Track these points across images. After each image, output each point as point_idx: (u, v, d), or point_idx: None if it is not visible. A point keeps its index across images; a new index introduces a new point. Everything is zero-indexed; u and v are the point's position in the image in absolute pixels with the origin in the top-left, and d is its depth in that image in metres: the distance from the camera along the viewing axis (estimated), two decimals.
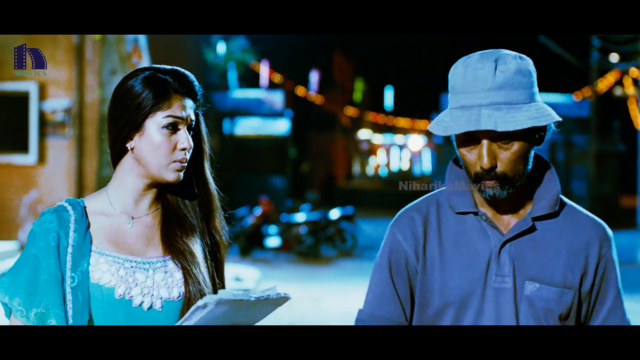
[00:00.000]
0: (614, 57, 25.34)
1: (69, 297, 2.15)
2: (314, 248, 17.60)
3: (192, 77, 2.30)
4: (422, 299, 2.32)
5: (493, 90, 2.12)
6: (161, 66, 2.30)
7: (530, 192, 2.28)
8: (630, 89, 26.06)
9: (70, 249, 2.18)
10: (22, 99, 14.39)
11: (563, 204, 2.31)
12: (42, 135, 14.42)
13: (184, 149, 2.23)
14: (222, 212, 2.40)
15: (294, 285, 13.28)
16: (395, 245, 2.35)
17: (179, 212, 2.33)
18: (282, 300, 2.13)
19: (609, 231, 2.30)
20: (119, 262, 2.21)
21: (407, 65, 62.43)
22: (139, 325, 2.20)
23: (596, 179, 25.50)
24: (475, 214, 2.28)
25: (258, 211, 18.03)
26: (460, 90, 2.17)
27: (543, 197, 2.27)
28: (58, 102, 14.41)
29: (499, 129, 2.10)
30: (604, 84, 28.86)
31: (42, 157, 14.46)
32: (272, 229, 17.76)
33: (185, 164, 2.25)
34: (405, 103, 61.85)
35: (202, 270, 2.30)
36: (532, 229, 2.25)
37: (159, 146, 2.21)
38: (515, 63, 2.14)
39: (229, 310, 2.05)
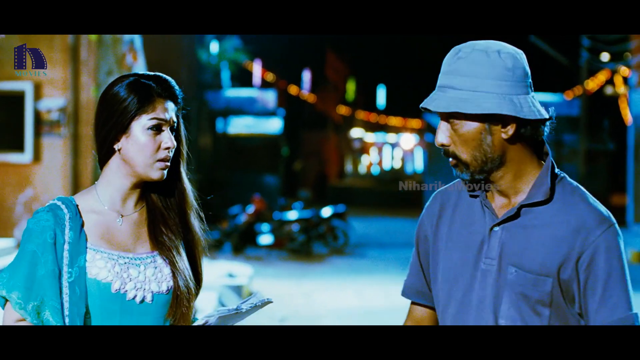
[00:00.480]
0: (606, 56, 25.55)
1: (65, 290, 2.33)
2: (306, 245, 17.75)
3: (173, 82, 2.49)
4: (433, 273, 2.49)
5: (447, 74, 2.31)
6: (144, 72, 2.48)
7: (530, 180, 2.37)
8: (621, 88, 26.26)
9: (66, 246, 2.35)
10: (17, 98, 14.49)
11: (568, 192, 2.35)
12: (38, 134, 14.50)
13: (167, 148, 2.42)
14: (199, 210, 2.59)
15: (286, 282, 13.42)
16: (421, 222, 2.56)
17: (162, 210, 2.52)
18: (266, 304, 2.44)
19: (608, 220, 2.29)
20: (113, 258, 2.40)
21: (399, 65, 62.54)
22: (133, 319, 2.40)
23: (586, 177, 25.71)
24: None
25: (251, 209, 18.16)
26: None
27: (537, 185, 2.34)
28: (53, 102, 14.52)
29: (429, 107, 2.31)
30: (595, 83, 29.06)
31: (37, 156, 14.56)
32: (265, 226, 17.90)
33: (169, 163, 2.45)
34: (397, 102, 61.96)
35: (186, 265, 2.51)
36: (517, 215, 2.33)
37: (145, 146, 2.40)
38: (477, 54, 2.29)
39: (224, 321, 2.37)
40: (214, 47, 28.68)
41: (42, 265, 2.32)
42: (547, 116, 2.33)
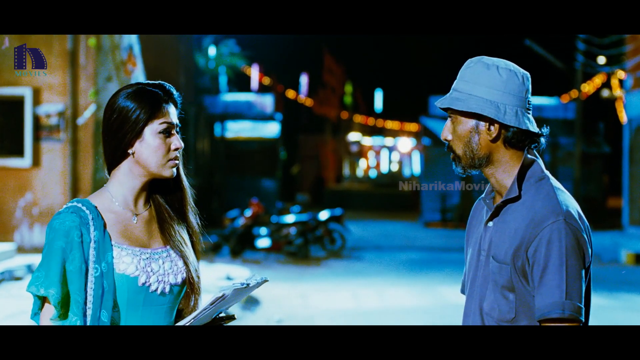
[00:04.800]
0: (602, 59, 25.69)
1: (90, 285, 2.53)
2: (303, 248, 17.85)
3: (173, 88, 2.71)
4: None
5: (457, 79, 2.69)
6: (147, 82, 2.70)
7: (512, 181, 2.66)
8: (617, 90, 26.41)
9: (93, 244, 2.55)
10: (17, 104, 14.63)
11: (535, 191, 2.61)
12: (37, 138, 14.64)
13: (176, 149, 2.65)
14: (194, 206, 2.81)
15: (283, 284, 13.54)
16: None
17: (167, 207, 2.74)
18: (263, 282, 2.66)
19: (557, 215, 2.53)
20: (136, 254, 2.61)
21: (396, 69, 62.77)
22: (153, 308, 2.62)
23: (581, 180, 25.85)
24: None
25: (249, 213, 18.30)
26: None
27: (512, 185, 2.64)
28: (52, 107, 14.65)
29: (436, 103, 2.71)
30: (591, 86, 29.22)
31: (36, 161, 14.69)
32: (263, 230, 18.02)
33: (178, 162, 2.67)
34: (394, 106, 62.14)
35: (194, 256, 2.75)
36: (497, 212, 2.65)
37: (157, 148, 2.62)
38: (480, 65, 2.65)
39: (235, 296, 2.58)
40: (212, 52, 28.84)
41: (70, 261, 2.52)
42: (532, 130, 2.61)
